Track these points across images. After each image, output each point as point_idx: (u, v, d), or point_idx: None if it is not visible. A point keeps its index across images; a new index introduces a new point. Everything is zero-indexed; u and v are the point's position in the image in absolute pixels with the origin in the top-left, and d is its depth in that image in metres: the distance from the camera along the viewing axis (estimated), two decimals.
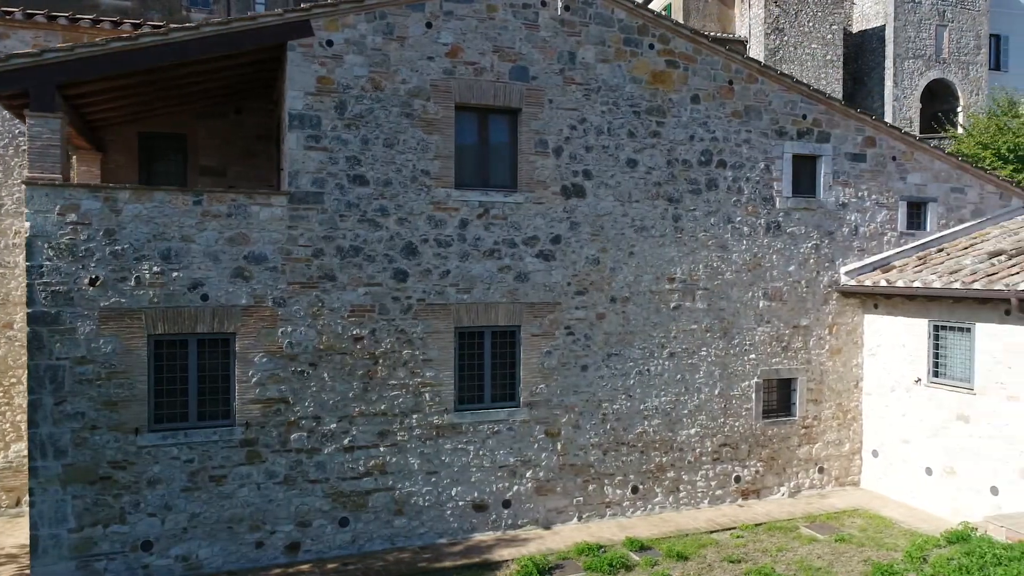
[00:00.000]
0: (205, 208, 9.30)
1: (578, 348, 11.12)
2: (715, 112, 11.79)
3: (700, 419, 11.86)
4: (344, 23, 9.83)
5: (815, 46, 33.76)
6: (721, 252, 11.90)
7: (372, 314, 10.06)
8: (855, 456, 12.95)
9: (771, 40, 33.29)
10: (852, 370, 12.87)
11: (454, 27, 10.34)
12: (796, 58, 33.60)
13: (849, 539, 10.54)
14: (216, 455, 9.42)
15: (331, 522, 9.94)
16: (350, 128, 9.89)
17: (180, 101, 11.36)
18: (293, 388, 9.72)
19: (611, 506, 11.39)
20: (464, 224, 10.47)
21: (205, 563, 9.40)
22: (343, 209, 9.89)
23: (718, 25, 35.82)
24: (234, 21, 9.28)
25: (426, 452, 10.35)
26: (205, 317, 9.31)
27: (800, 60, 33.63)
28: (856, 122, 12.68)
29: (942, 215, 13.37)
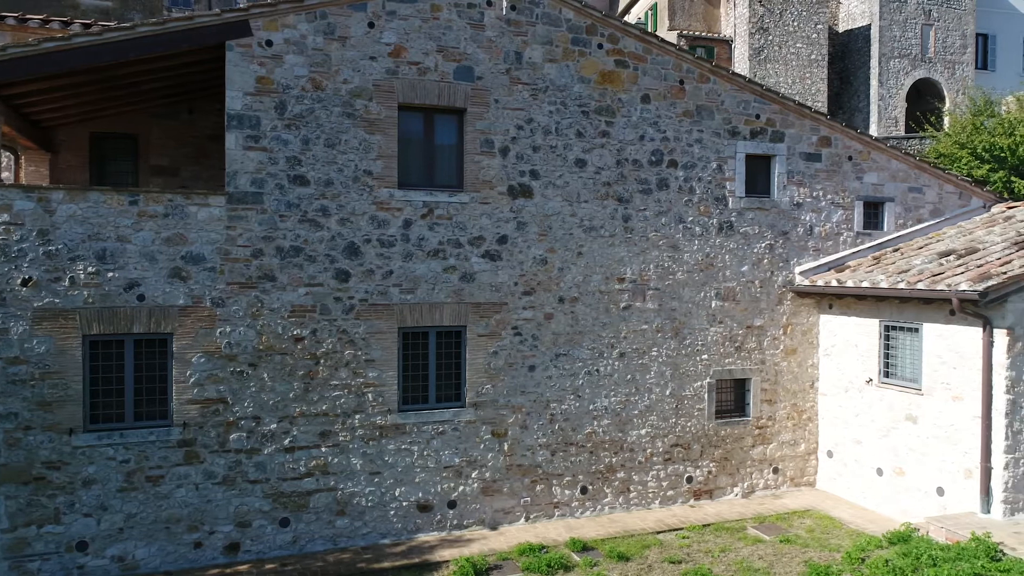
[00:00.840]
0: (141, 208, 9.29)
1: (525, 348, 11.10)
2: (666, 112, 11.77)
3: (651, 419, 11.84)
4: (284, 23, 9.82)
5: (800, 45, 33.71)
6: (672, 252, 11.88)
7: (313, 314, 10.05)
8: (811, 456, 12.92)
9: (755, 39, 33.25)
10: (807, 370, 12.84)
11: (397, 27, 10.32)
12: (781, 57, 33.56)
13: (794, 540, 10.52)
14: (153, 455, 9.41)
15: (271, 522, 9.93)
16: (290, 128, 9.88)
17: (129, 101, 11.35)
18: (232, 388, 9.72)
19: (560, 507, 11.37)
20: (408, 224, 10.45)
21: (142, 563, 9.39)
22: (283, 209, 9.88)
23: (704, 24, 35.82)
24: (170, 21, 9.26)
25: (369, 453, 10.34)
26: (141, 317, 9.31)
27: (785, 59, 33.59)
28: (811, 122, 12.65)
29: (900, 215, 13.33)
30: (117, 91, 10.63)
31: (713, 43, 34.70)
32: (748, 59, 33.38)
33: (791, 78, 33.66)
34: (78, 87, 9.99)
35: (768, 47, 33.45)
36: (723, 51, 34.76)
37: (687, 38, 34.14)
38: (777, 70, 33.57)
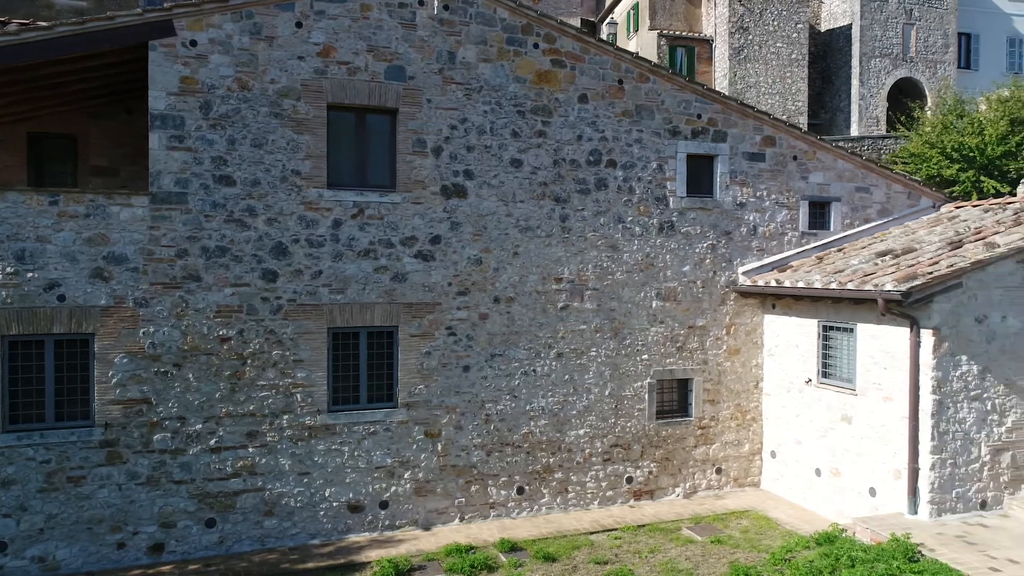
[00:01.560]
0: (62, 209, 9.28)
1: (460, 348, 11.07)
2: (604, 111, 11.73)
3: (590, 420, 11.81)
4: (209, 23, 9.80)
5: (780, 45, 33.65)
6: (611, 252, 11.84)
7: (240, 315, 10.03)
8: (755, 457, 12.88)
9: (735, 39, 33.22)
10: (752, 370, 12.80)
11: (326, 27, 10.30)
12: (761, 57, 33.51)
13: (726, 541, 10.48)
14: (74, 456, 9.40)
15: (197, 523, 9.91)
16: (216, 128, 9.86)
17: (63, 102, 11.34)
18: (156, 389, 9.70)
19: (495, 507, 11.34)
20: (338, 224, 10.43)
21: (63, 564, 9.37)
22: (208, 209, 9.86)
23: (685, 24, 35.77)
24: (90, 21, 9.24)
25: (298, 453, 10.32)
26: (62, 318, 9.29)
27: (765, 59, 33.53)
28: (754, 121, 12.61)
29: (847, 215, 13.29)
30: (44, 91, 10.61)
31: (694, 43, 34.66)
32: (728, 58, 33.35)
33: (771, 77, 33.61)
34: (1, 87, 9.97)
35: (748, 47, 33.41)
36: (704, 51, 34.74)
37: (667, 38, 34.11)
38: (757, 70, 33.52)
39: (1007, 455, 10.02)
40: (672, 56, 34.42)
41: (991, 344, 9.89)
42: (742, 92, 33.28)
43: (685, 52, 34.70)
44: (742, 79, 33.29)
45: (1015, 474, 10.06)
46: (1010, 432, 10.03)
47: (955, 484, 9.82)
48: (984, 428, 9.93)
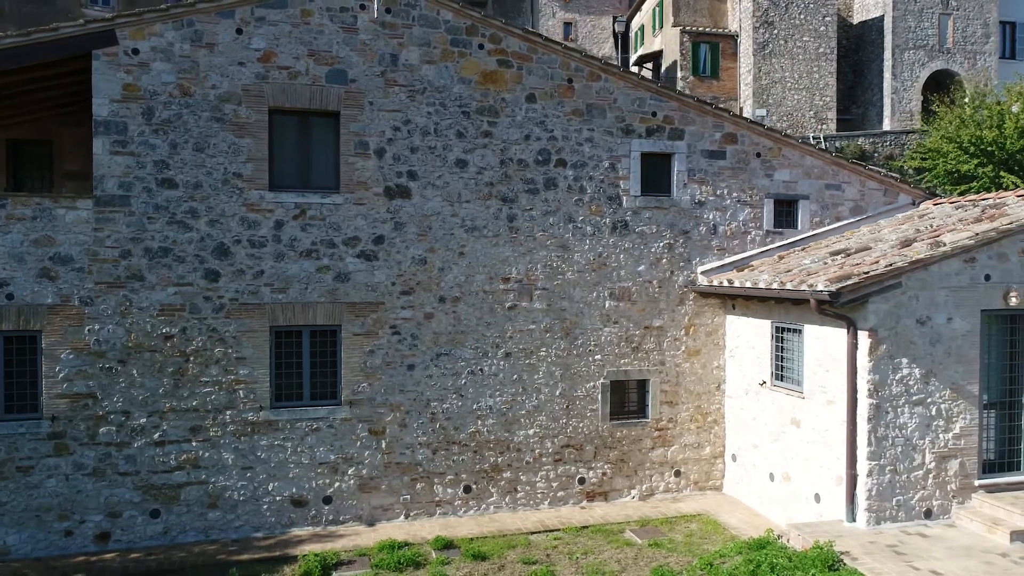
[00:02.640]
0: (9, 211, 9.76)
1: (404, 348, 11.20)
2: (553, 111, 11.69)
3: (540, 420, 11.78)
4: (151, 32, 10.16)
5: (807, 39, 32.80)
6: (562, 252, 11.79)
7: (183, 313, 10.36)
8: (717, 460, 12.63)
9: (760, 33, 32.53)
10: (713, 372, 12.56)
11: (266, 32, 10.56)
12: (787, 51, 32.72)
13: (665, 544, 10.34)
14: (23, 446, 9.87)
15: (142, 513, 10.29)
16: (158, 133, 10.21)
17: (32, 110, 11.90)
18: (101, 384, 10.11)
19: (441, 505, 11.42)
20: (279, 225, 10.68)
21: (13, 549, 9.85)
22: (151, 211, 10.22)
23: (710, 20, 35.18)
24: (35, 32, 9.70)
25: (241, 448, 10.61)
26: (10, 315, 9.77)
27: (791, 53, 32.74)
28: (713, 119, 12.37)
29: (816, 213, 12.92)
30: (10, 100, 11.15)
31: (718, 38, 34.08)
32: (752, 54, 32.68)
33: (798, 72, 32.79)
34: None
35: (773, 41, 32.67)
36: (728, 46, 34.13)
37: (689, 34, 33.63)
38: (783, 64, 32.75)
39: (954, 462, 9.60)
40: (695, 52, 33.95)
41: (935, 347, 9.49)
42: (767, 88, 32.61)
43: (709, 48, 34.15)
44: (767, 74, 32.58)
45: (964, 482, 9.64)
46: (958, 439, 9.61)
47: (896, 492, 9.46)
48: (928, 434, 9.54)
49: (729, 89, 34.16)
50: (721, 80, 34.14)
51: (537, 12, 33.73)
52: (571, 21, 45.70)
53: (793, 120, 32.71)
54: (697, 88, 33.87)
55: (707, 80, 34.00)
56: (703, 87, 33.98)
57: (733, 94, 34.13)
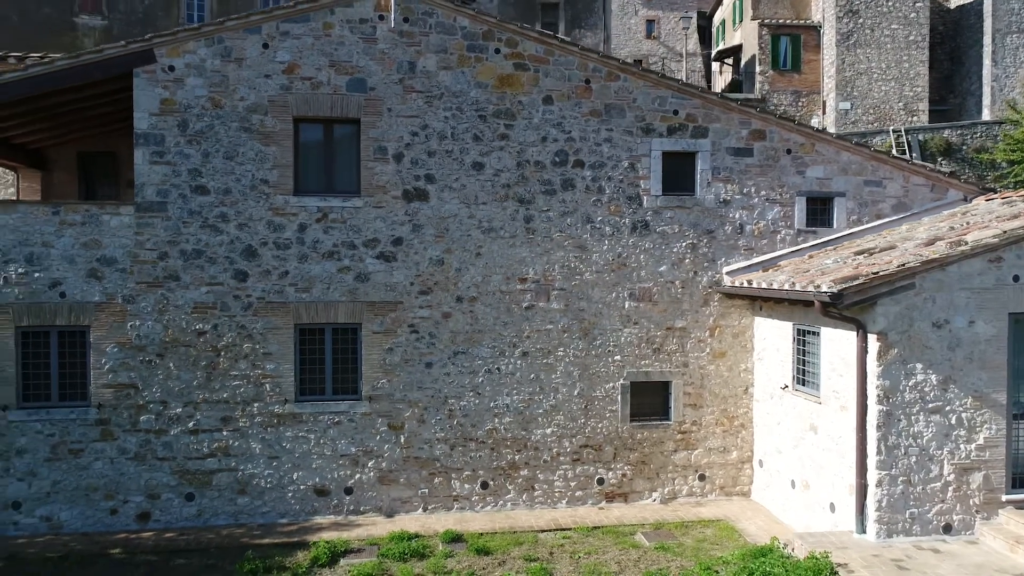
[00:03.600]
0: (63, 218, 10.77)
1: (422, 346, 11.55)
2: (570, 112, 11.75)
3: (557, 419, 11.86)
4: (185, 49, 10.95)
5: (896, 26, 31.13)
6: (579, 252, 11.83)
7: (214, 311, 11.10)
8: (744, 465, 12.32)
9: (844, 23, 31.14)
10: (740, 375, 12.25)
11: (291, 46, 11.16)
12: (873, 41, 31.18)
13: (672, 548, 10.22)
14: (74, 431, 10.86)
15: (178, 496, 11.10)
16: (192, 143, 10.99)
17: (94, 124, 13.01)
18: (142, 375, 10.98)
19: (459, 500, 11.70)
20: (303, 228, 11.26)
21: (65, 524, 10.86)
22: (186, 216, 11.02)
23: (792, 11, 33.99)
24: (84, 54, 10.66)
25: (267, 438, 11.25)
26: (63, 312, 10.78)
27: (878, 43, 31.17)
28: (739, 115, 12.08)
29: (853, 211, 12.37)
30: (70, 116, 12.26)
31: (799, 30, 32.88)
32: (836, 45, 31.29)
33: (885, 62, 31.18)
34: (28, 115, 11.67)
35: (859, 30, 31.18)
36: (810, 38, 32.85)
37: (768, 26, 32.59)
38: (869, 55, 31.22)
39: (978, 475, 9.03)
40: (775, 45, 32.88)
41: (954, 352, 8.96)
42: (851, 80, 31.18)
43: (789, 40, 32.99)
44: (851, 66, 31.14)
45: (989, 497, 9.04)
46: (982, 450, 9.03)
47: (909, 504, 9.00)
48: (947, 444, 9.01)
49: (811, 82, 32.85)
50: (803, 73, 32.88)
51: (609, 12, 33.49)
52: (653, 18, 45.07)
53: (880, 113, 31.11)
54: (777, 82, 32.82)
55: (787, 74, 32.85)
56: (783, 81, 32.89)
57: (815, 87, 32.80)
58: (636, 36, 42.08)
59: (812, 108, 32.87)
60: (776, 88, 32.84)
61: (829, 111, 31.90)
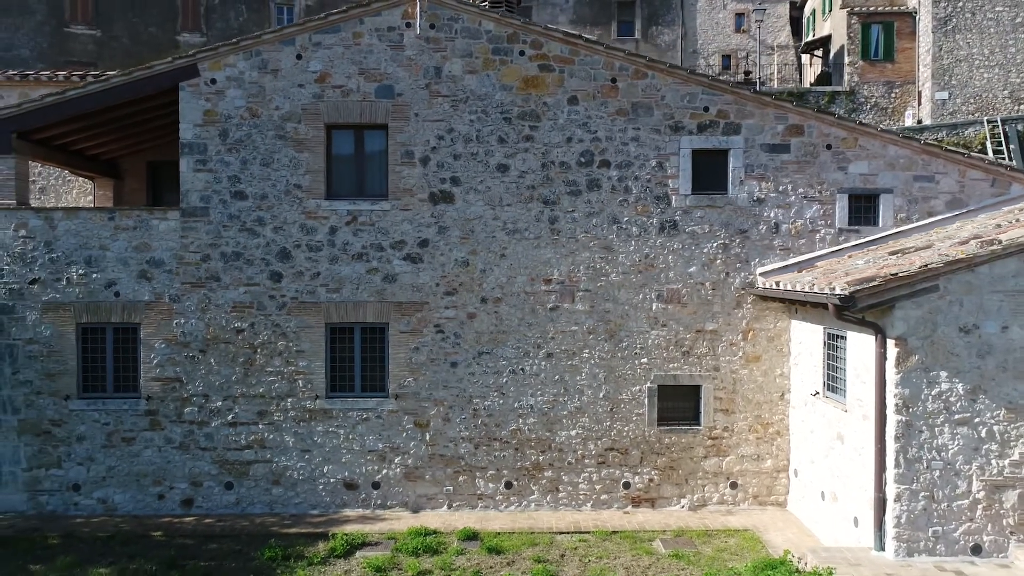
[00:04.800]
0: (117, 223, 11.65)
1: (448, 346, 11.76)
2: (596, 112, 11.66)
3: (582, 421, 11.79)
4: (225, 63, 11.60)
5: (1000, 8, 28.96)
6: (605, 253, 11.72)
7: (251, 310, 11.71)
8: (780, 474, 11.84)
9: (940, 8, 29.21)
10: (775, 380, 11.79)
11: (322, 56, 11.62)
12: (974, 25, 29.12)
13: (687, 557, 9.98)
14: (127, 420, 11.72)
15: (218, 485, 11.77)
16: (232, 151, 11.64)
17: (156, 135, 13.96)
18: (186, 370, 11.72)
19: (483, 499, 11.83)
20: (334, 231, 11.70)
21: (119, 507, 11.73)
22: (226, 220, 11.67)
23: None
24: (136, 71, 11.50)
25: (300, 432, 11.76)
26: (117, 310, 11.66)
27: (980, 27, 29.09)
28: (775, 110, 11.62)
29: (901, 208, 11.66)
30: (135, 128, 13.22)
31: (892, 17, 31.16)
32: (932, 31, 29.38)
33: (988, 48, 29.05)
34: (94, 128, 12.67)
35: (958, 15, 29.18)
36: (904, 25, 31.07)
37: (858, 15, 31.05)
38: (970, 40, 29.16)
39: (1012, 493, 8.34)
40: (865, 34, 31.28)
41: (985, 359, 8.31)
42: (950, 67, 29.23)
43: (882, 29, 31.30)
44: (949, 53, 29.17)
45: None
46: (1018, 466, 8.34)
47: (933, 521, 8.42)
48: (976, 459, 8.37)
49: (905, 72, 31.01)
50: (896, 62, 31.09)
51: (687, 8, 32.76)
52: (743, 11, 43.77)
53: (982, 102, 28.98)
54: (868, 73, 31.19)
55: (879, 64, 31.16)
56: (874, 72, 31.22)
57: (910, 77, 30.94)
58: (725, 31, 40.98)
59: (906, 99, 31.03)
60: (867, 79, 31.19)
61: (925, 102, 30.00)
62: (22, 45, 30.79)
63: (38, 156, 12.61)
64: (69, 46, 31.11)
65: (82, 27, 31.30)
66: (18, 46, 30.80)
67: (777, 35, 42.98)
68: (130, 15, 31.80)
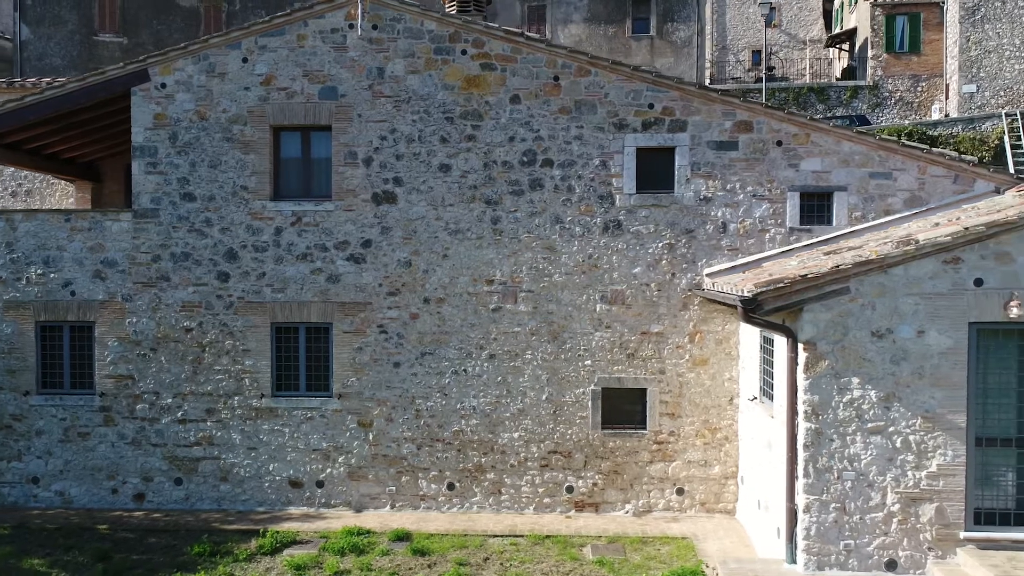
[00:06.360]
0: (73, 224, 12.00)
1: (391, 346, 11.76)
2: (539, 110, 11.51)
3: (525, 423, 11.65)
4: (175, 67, 11.83)
5: None
6: (548, 253, 11.56)
7: (200, 309, 11.92)
8: (728, 481, 11.48)
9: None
10: (723, 384, 11.45)
11: (268, 59, 11.76)
12: (1004, 15, 27.90)
13: (611, 563, 9.76)
14: (82, 416, 12.06)
15: (169, 480, 12.02)
16: (181, 154, 11.87)
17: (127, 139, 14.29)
18: (138, 368, 12.00)
19: (426, 499, 11.80)
20: (279, 231, 11.82)
21: (75, 500, 12.08)
22: (175, 222, 11.91)
23: None
24: (90, 76, 11.83)
25: (246, 430, 11.92)
26: (74, 309, 12.01)
27: (1011, 16, 27.88)
28: (722, 106, 11.28)
29: (856, 206, 11.19)
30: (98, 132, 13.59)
31: (918, 7, 30.03)
32: (959, 21, 28.18)
33: (1020, 38, 27.73)
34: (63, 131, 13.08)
35: (986, 3, 27.99)
36: (931, 16, 29.91)
37: (882, 6, 30.01)
38: (1000, 30, 27.92)
39: (929, 507, 7.90)
40: (889, 26, 30.20)
41: (899, 365, 7.89)
42: (978, 59, 28.02)
43: (907, 20, 30.19)
44: (977, 44, 27.95)
45: (944, 533, 7.89)
46: (934, 478, 7.90)
47: (844, 534, 8.04)
48: (891, 469, 7.96)
49: (932, 65, 29.82)
50: (923, 55, 29.93)
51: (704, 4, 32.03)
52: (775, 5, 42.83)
53: (1013, 95, 27.66)
54: (892, 67, 30.10)
55: (905, 56, 30.05)
56: (900, 65, 30.11)
57: (938, 70, 29.74)
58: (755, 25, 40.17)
59: (933, 93, 29.84)
60: (891, 73, 30.11)
61: (952, 95, 28.79)
62: (54, 54, 32.02)
63: (8, 160, 13.07)
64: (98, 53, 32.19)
65: (110, 35, 32.34)
66: (50, 55, 32.05)
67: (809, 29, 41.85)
68: (155, 23, 32.71)
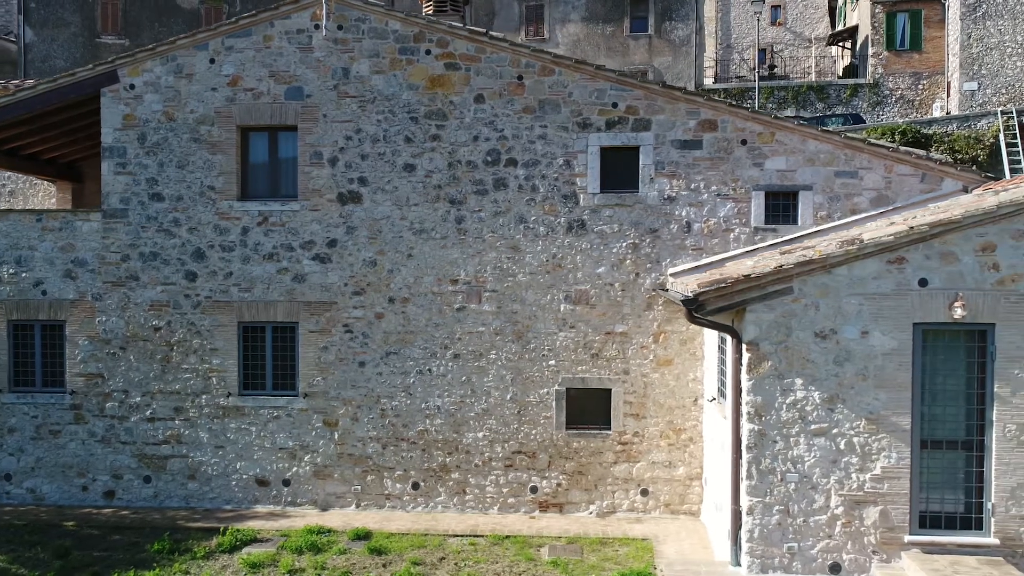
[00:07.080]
0: (45, 224, 12.13)
1: (356, 345, 11.79)
2: (503, 110, 11.49)
3: (489, 423, 11.64)
4: (143, 68, 11.93)
5: None
6: (512, 253, 11.54)
7: (168, 309, 12.01)
8: (693, 482, 11.40)
9: None
10: (688, 384, 11.37)
11: (235, 59, 11.82)
12: (1006, 11, 27.60)
13: (565, 564, 9.72)
14: (53, 414, 12.19)
15: (138, 478, 12.12)
16: (149, 154, 11.96)
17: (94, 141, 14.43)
18: (108, 366, 12.11)
19: (391, 499, 11.81)
20: (246, 231, 11.88)
21: (47, 497, 12.22)
22: (144, 222, 12.00)
23: None
24: (60, 78, 11.95)
25: (214, 429, 11.99)
26: (45, 308, 12.14)
27: (1012, 12, 27.60)
28: (687, 104, 11.21)
29: (822, 205, 11.07)
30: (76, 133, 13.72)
31: (919, 4, 29.68)
32: (960, 18, 27.82)
33: (1021, 35, 27.27)
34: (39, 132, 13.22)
35: (988, 1, 27.55)
36: (933, 13, 29.58)
37: (883, 3, 29.63)
38: (1002, 27, 27.55)
39: (873, 510, 7.80)
40: (890, 24, 29.91)
41: (843, 367, 7.81)
42: (979, 56, 27.67)
43: (908, 17, 29.87)
44: (979, 40, 27.60)
45: (888, 536, 7.79)
46: (879, 481, 7.80)
47: (788, 537, 7.96)
48: (835, 472, 7.87)
49: (934, 62, 29.49)
50: (924, 52, 29.61)
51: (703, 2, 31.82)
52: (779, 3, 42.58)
53: (1015, 92, 27.28)
54: (893, 64, 29.80)
55: (906, 54, 29.74)
56: (901, 62, 29.80)
57: (939, 68, 29.40)
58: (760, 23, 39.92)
59: (934, 91, 29.49)
60: (892, 71, 29.81)
61: (953, 93, 28.43)
62: (57, 56, 32.40)
63: None
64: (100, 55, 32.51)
65: (112, 37, 32.69)
66: (54, 57, 32.45)
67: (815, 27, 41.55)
68: (157, 25, 33.01)
